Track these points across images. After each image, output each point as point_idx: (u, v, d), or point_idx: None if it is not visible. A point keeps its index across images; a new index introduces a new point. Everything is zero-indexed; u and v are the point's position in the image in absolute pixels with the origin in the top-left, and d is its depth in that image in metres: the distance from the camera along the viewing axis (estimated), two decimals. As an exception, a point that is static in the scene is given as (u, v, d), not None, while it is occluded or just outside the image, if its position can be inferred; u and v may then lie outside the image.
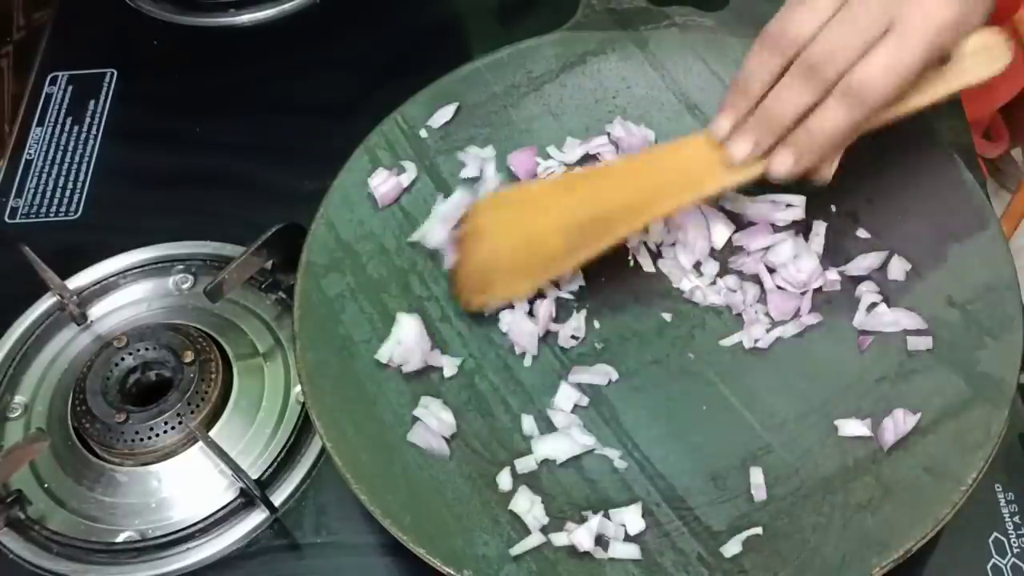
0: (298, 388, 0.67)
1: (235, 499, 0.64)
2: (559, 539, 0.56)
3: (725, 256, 0.67)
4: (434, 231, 0.67)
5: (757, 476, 0.58)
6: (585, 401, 0.62)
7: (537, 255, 0.63)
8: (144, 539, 0.63)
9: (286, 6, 0.92)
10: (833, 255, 0.65)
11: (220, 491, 0.65)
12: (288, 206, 0.71)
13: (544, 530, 0.56)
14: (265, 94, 0.87)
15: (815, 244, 0.66)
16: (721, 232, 0.67)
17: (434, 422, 0.60)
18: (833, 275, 0.64)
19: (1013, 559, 0.58)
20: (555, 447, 0.60)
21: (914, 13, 0.52)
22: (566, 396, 0.62)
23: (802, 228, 0.67)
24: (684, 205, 0.63)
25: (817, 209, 0.67)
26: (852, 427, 0.58)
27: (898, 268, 0.63)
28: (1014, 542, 0.59)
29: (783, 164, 0.57)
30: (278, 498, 0.64)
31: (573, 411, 0.62)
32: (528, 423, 0.61)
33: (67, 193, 0.81)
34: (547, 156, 0.71)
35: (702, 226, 0.67)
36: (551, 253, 0.63)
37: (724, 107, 0.58)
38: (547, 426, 0.61)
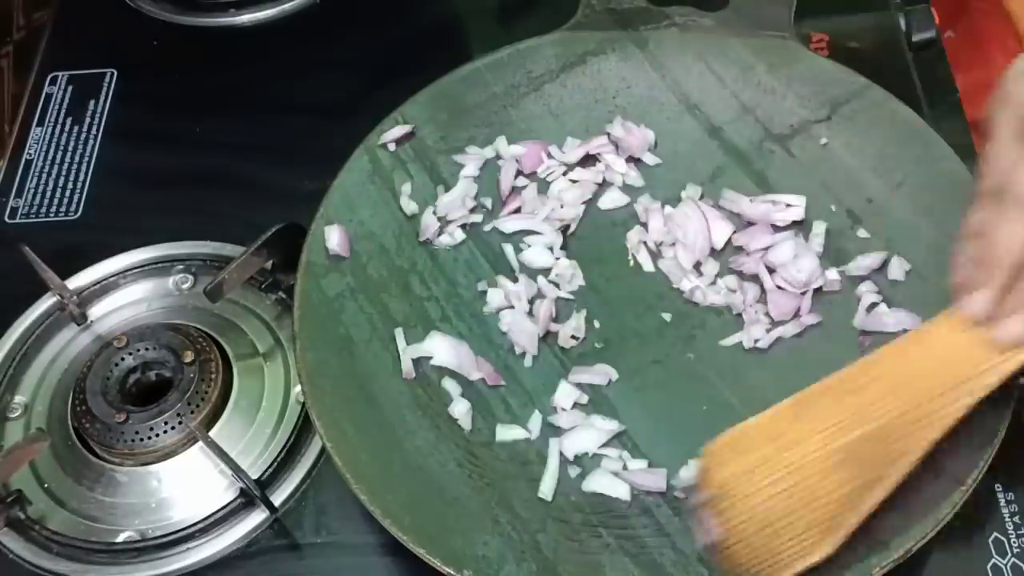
0: (298, 388, 0.67)
1: (235, 499, 0.64)
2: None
3: (725, 256, 0.67)
4: (431, 222, 0.68)
5: (758, 476, 0.58)
6: (585, 400, 0.62)
7: (815, 494, 0.51)
8: (144, 539, 0.63)
9: (286, 6, 0.92)
10: (833, 255, 0.65)
11: (220, 491, 0.65)
12: (288, 206, 0.71)
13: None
14: (265, 94, 0.87)
15: (815, 244, 0.66)
16: (721, 232, 0.67)
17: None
18: (833, 275, 0.64)
19: (1013, 559, 0.58)
20: (577, 441, 0.60)
21: None
22: (566, 393, 0.62)
23: (802, 228, 0.67)
24: (969, 406, 0.51)
25: (817, 209, 0.67)
26: (853, 427, 0.58)
27: (898, 268, 0.63)
28: (1014, 542, 0.59)
29: None
30: (278, 498, 0.64)
31: (573, 408, 0.62)
32: (533, 422, 0.61)
33: (67, 193, 0.81)
34: (548, 156, 0.71)
35: (702, 226, 0.67)
36: (833, 489, 0.51)
37: (969, 283, 0.51)
38: (548, 427, 0.61)
